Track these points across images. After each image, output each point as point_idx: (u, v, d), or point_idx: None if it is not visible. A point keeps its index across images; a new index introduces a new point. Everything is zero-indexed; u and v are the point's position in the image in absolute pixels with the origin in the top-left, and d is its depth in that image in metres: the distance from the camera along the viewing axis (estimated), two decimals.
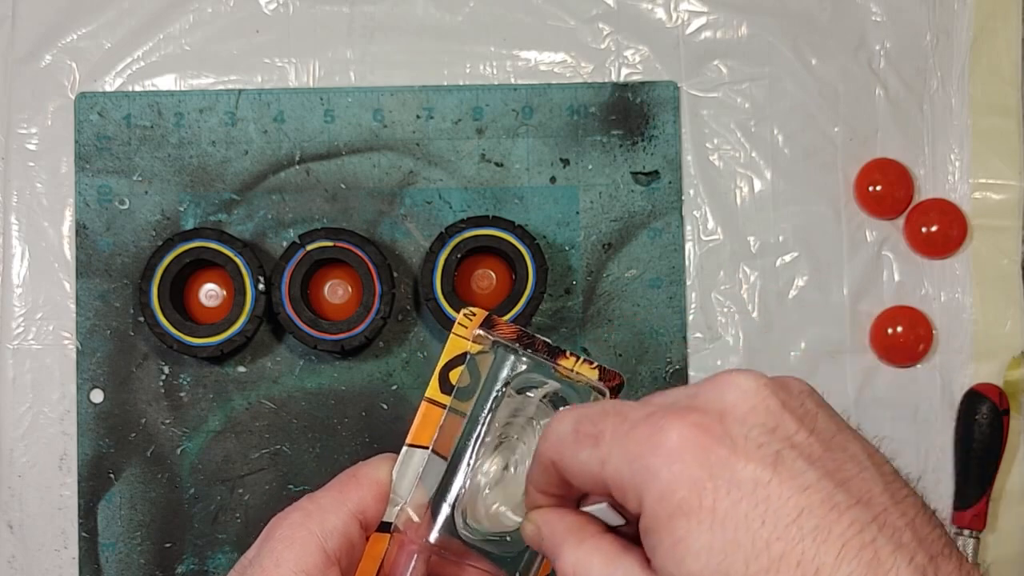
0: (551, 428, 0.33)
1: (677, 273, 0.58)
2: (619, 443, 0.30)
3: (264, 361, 0.57)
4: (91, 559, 0.56)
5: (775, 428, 0.29)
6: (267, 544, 0.37)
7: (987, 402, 0.57)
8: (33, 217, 0.57)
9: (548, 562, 0.39)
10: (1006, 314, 0.59)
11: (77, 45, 0.58)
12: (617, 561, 0.31)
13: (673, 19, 0.60)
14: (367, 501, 0.39)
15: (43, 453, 0.56)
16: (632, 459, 0.29)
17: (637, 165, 0.58)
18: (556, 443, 0.33)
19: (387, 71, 0.59)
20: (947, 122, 0.60)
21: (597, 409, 0.32)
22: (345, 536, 0.37)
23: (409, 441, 0.41)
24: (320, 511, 0.38)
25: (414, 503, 0.40)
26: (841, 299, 0.59)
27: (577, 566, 0.32)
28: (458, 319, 0.42)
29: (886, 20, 0.60)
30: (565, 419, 0.33)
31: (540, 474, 0.34)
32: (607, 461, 0.30)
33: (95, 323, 0.56)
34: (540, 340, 0.41)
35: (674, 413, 0.29)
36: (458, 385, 0.41)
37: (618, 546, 0.32)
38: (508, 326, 0.42)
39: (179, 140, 0.57)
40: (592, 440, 0.31)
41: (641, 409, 0.30)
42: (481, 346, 0.42)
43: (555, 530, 0.34)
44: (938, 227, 0.58)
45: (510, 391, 0.40)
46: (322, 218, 0.57)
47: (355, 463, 0.41)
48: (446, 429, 0.41)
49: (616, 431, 0.30)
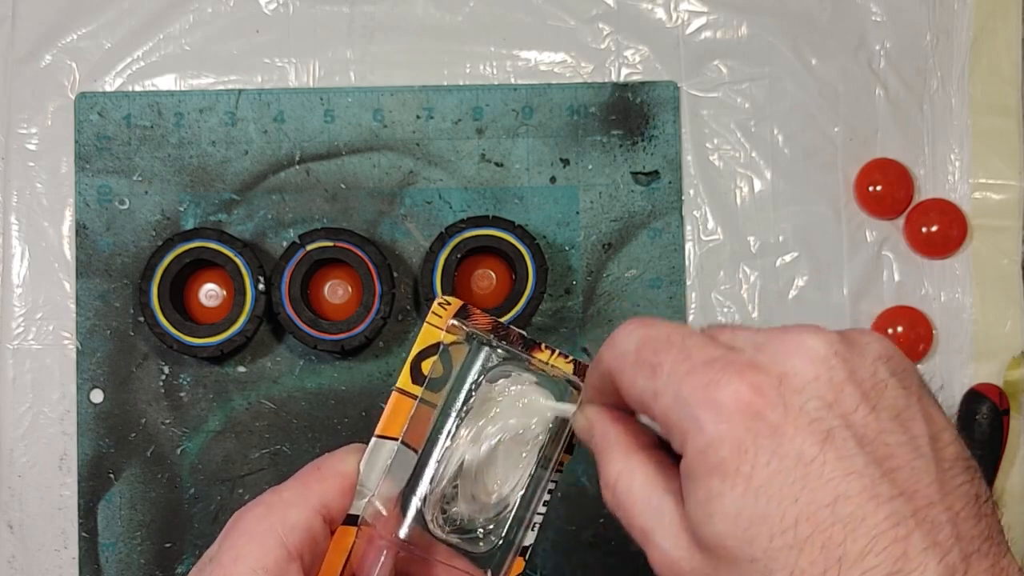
0: (614, 339, 0.32)
1: (677, 273, 0.58)
2: (674, 383, 0.29)
3: (264, 361, 0.57)
4: (91, 559, 0.56)
5: (833, 403, 0.28)
6: (227, 539, 0.36)
7: (987, 402, 0.57)
8: (33, 217, 0.57)
9: (520, 561, 0.39)
10: (1006, 314, 0.59)
11: (77, 45, 0.58)
12: (658, 487, 0.31)
13: (673, 19, 0.60)
14: (331, 494, 0.38)
15: (43, 453, 0.56)
16: (683, 404, 0.29)
17: (637, 165, 0.58)
18: (617, 358, 0.32)
19: (387, 71, 0.59)
20: (947, 122, 0.60)
21: (663, 336, 0.31)
22: (307, 531, 0.36)
23: (378, 432, 0.40)
24: (282, 505, 0.37)
25: (382, 496, 0.39)
26: (841, 299, 0.59)
27: (620, 477, 0.32)
28: (432, 308, 0.41)
29: (886, 20, 0.60)
30: (631, 336, 0.31)
31: (598, 376, 0.34)
32: (660, 396, 0.30)
33: (95, 323, 0.56)
34: (515, 332, 0.41)
35: (735, 368, 0.28)
36: (430, 376, 0.40)
37: (664, 471, 0.31)
38: (483, 316, 0.41)
39: (179, 140, 0.57)
40: (650, 370, 0.30)
41: (704, 349, 0.29)
42: (455, 336, 0.40)
43: (607, 431, 0.34)
44: (938, 227, 0.58)
45: (484, 384, 0.39)
46: (322, 218, 0.57)
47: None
48: (417, 421, 0.39)
49: (675, 368, 0.29)
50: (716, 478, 0.28)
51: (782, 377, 0.28)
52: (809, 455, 0.27)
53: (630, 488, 0.32)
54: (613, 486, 0.32)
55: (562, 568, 0.56)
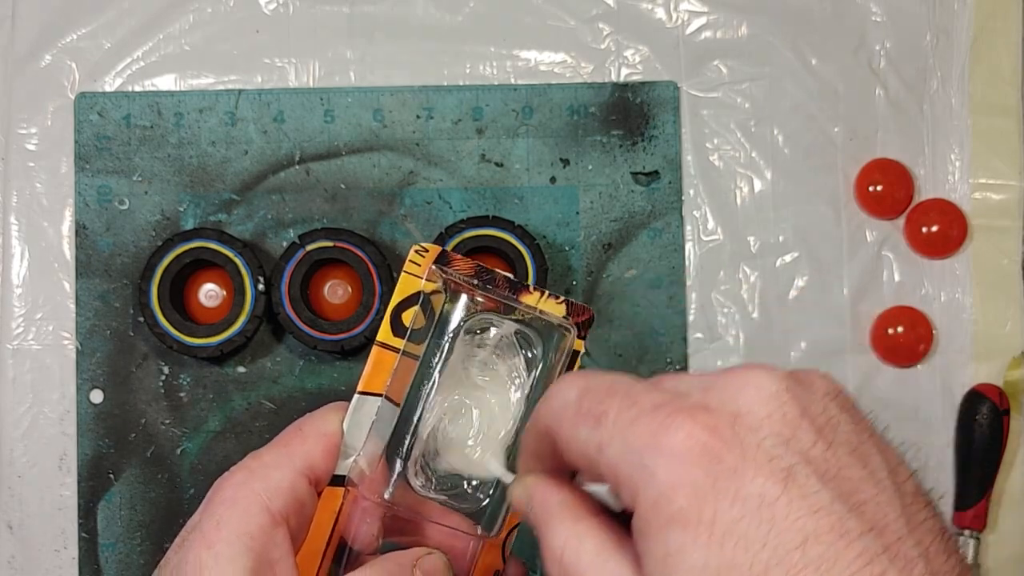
0: (553, 393, 0.30)
1: (677, 273, 0.58)
2: (621, 430, 0.27)
3: (264, 361, 0.57)
4: (91, 559, 0.56)
5: (790, 439, 0.26)
6: (208, 507, 0.35)
7: (987, 402, 0.57)
8: (33, 217, 0.57)
9: (515, 515, 0.37)
10: (1006, 314, 0.59)
11: (77, 45, 0.58)
12: (610, 553, 0.29)
13: (673, 19, 0.60)
14: (314, 455, 0.36)
15: (43, 453, 0.56)
16: (632, 452, 0.27)
17: (637, 165, 0.58)
18: (557, 412, 0.30)
19: (387, 71, 0.59)
20: (947, 122, 0.60)
21: (606, 385, 0.29)
22: (292, 494, 0.35)
23: (361, 388, 0.38)
24: (264, 469, 0.35)
25: (368, 455, 0.37)
26: (841, 299, 0.59)
27: (567, 547, 0.30)
28: (409, 256, 0.39)
29: (886, 20, 0.60)
30: (571, 387, 0.30)
31: (535, 439, 0.32)
32: (606, 447, 0.28)
33: (95, 323, 0.56)
34: (500, 275, 0.39)
35: (684, 410, 0.27)
36: (412, 327, 0.38)
37: (613, 536, 0.29)
38: (465, 261, 0.39)
39: (179, 140, 0.57)
40: (593, 420, 0.28)
41: (651, 394, 0.28)
42: (435, 284, 0.38)
43: (548, 502, 0.31)
44: (938, 227, 0.58)
45: (464, 333, 0.38)
46: (322, 218, 0.57)
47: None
48: (400, 374, 0.38)
49: (620, 416, 0.28)
50: (675, 530, 0.25)
51: (735, 416, 0.27)
52: (772, 495, 0.25)
53: (578, 557, 0.29)
54: (559, 558, 0.30)
55: None
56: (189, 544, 0.34)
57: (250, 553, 0.33)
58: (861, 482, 0.26)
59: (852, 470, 0.27)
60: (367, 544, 0.38)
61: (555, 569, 0.30)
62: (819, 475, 0.26)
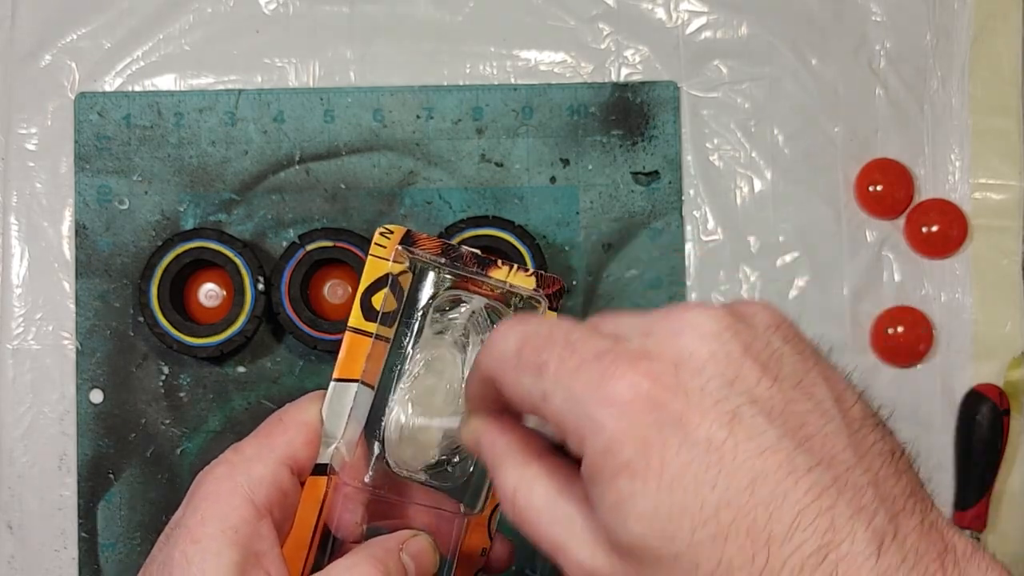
0: (492, 343, 0.30)
1: (677, 273, 0.58)
2: (564, 381, 0.27)
3: (264, 361, 0.57)
4: (91, 559, 0.56)
5: (734, 379, 0.27)
6: (192, 501, 0.35)
7: (987, 402, 0.57)
8: (33, 217, 0.57)
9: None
10: (1006, 314, 0.59)
11: (77, 45, 0.58)
12: (562, 495, 0.29)
13: (673, 19, 0.60)
14: (296, 445, 0.36)
15: (43, 453, 0.56)
16: (577, 403, 0.27)
17: (637, 165, 0.58)
18: (497, 361, 0.30)
19: (387, 71, 0.59)
20: (947, 122, 0.60)
21: (544, 333, 0.29)
22: (275, 485, 0.35)
23: (336, 375, 0.38)
24: (245, 462, 0.35)
25: (347, 441, 0.37)
26: (841, 299, 0.59)
27: (518, 490, 0.30)
28: (374, 239, 0.38)
29: (886, 20, 0.60)
30: (509, 336, 0.30)
31: (478, 386, 0.32)
32: (550, 397, 0.28)
33: (95, 323, 0.56)
34: (468, 252, 0.39)
35: (626, 358, 0.27)
36: (382, 310, 0.38)
37: (565, 476, 0.30)
38: (431, 240, 0.39)
39: (179, 140, 0.57)
40: (535, 369, 0.28)
41: (590, 342, 0.28)
42: (403, 265, 0.38)
43: (496, 443, 0.32)
44: (938, 227, 0.58)
45: (434, 311, 0.38)
46: (322, 218, 0.57)
47: None
48: (374, 358, 0.38)
49: (561, 366, 0.28)
50: (624, 478, 0.26)
51: (677, 361, 0.27)
52: (719, 438, 0.26)
53: (530, 500, 0.30)
54: (512, 499, 0.30)
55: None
56: (174, 540, 0.34)
57: (235, 546, 0.33)
58: (808, 415, 0.27)
59: (798, 404, 0.27)
60: (350, 531, 0.39)
61: (509, 509, 0.30)
62: (765, 414, 0.26)
